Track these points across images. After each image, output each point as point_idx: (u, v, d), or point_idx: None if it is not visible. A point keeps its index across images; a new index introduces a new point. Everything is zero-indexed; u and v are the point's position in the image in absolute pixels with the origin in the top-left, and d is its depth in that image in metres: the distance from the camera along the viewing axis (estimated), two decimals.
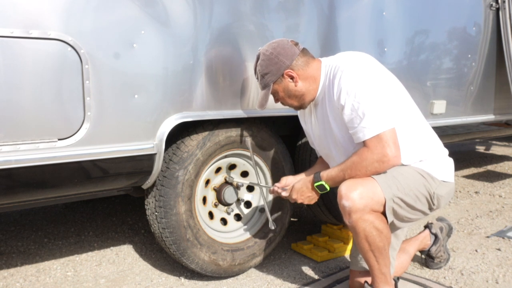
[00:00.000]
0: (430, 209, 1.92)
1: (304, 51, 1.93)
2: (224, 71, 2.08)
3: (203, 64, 2.01)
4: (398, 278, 2.01)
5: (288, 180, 2.09)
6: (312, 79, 1.92)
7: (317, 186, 1.90)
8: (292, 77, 1.90)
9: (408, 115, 1.91)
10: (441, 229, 2.45)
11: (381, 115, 1.75)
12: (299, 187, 1.97)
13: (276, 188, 2.08)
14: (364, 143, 1.77)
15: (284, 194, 2.03)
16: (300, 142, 2.60)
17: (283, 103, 2.02)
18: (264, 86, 1.93)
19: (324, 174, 1.89)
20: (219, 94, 2.08)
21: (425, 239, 2.40)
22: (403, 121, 1.86)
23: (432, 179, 1.88)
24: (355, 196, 1.73)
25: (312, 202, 1.99)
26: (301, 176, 2.08)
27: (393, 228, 1.91)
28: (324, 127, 1.98)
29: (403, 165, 1.88)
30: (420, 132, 1.94)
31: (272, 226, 2.21)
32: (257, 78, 1.96)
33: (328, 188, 1.89)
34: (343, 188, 1.77)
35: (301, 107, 2.01)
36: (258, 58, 1.93)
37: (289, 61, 1.88)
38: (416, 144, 1.90)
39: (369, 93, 1.75)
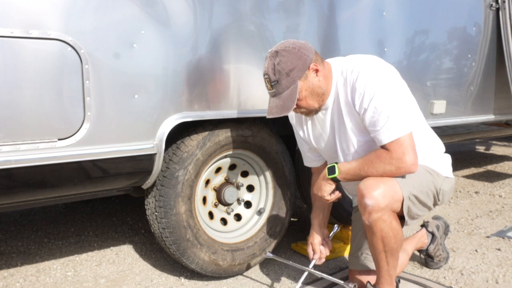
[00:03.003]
0: (435, 204, 1.94)
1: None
2: (224, 71, 2.08)
3: (203, 64, 2.01)
4: (399, 280, 2.01)
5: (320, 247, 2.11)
6: (328, 78, 1.85)
7: (328, 167, 1.86)
8: (317, 71, 1.80)
9: (414, 115, 1.92)
10: (437, 227, 2.45)
11: (403, 119, 1.73)
12: (317, 183, 1.94)
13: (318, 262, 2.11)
14: (384, 146, 1.75)
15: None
16: None
17: (299, 106, 1.83)
18: (289, 85, 1.76)
19: (340, 163, 1.85)
20: (219, 94, 2.08)
21: (423, 238, 2.40)
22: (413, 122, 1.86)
23: (438, 175, 1.91)
24: (378, 195, 1.72)
25: (328, 192, 1.90)
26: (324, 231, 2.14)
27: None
28: (333, 132, 1.93)
29: None
30: (422, 130, 1.95)
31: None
32: (275, 81, 1.76)
33: (337, 172, 1.82)
34: (364, 187, 1.75)
35: (318, 110, 1.88)
36: (273, 58, 1.76)
37: (312, 55, 1.78)
38: (419, 142, 1.90)
39: (392, 96, 1.74)
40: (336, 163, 1.86)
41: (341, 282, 2.01)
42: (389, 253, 1.80)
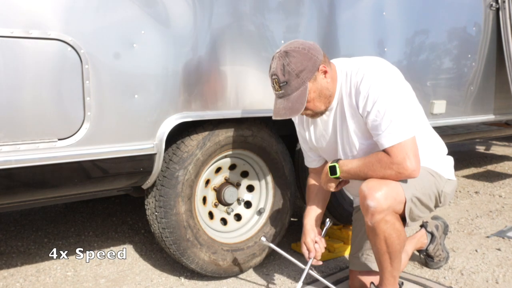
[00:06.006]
0: (436, 206, 1.94)
1: None
2: (224, 71, 2.08)
3: (203, 64, 2.01)
4: (402, 282, 2.00)
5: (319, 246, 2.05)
6: (334, 79, 1.84)
7: (330, 166, 1.85)
8: (325, 72, 1.78)
9: (417, 117, 1.91)
10: (436, 227, 2.45)
11: (405, 123, 1.72)
12: (323, 180, 1.94)
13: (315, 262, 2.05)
14: (386, 150, 1.73)
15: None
16: None
17: (306, 108, 1.80)
18: (299, 86, 1.73)
19: (341, 161, 1.84)
20: (219, 94, 2.08)
21: (422, 238, 2.40)
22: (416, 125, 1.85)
23: (440, 178, 1.90)
24: (380, 197, 1.71)
25: (334, 186, 1.92)
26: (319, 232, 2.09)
27: None
28: (336, 134, 1.92)
29: None
30: (425, 132, 1.94)
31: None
32: (284, 82, 1.73)
33: (338, 173, 1.82)
34: (366, 188, 1.73)
35: (324, 112, 1.87)
36: (282, 58, 1.72)
37: (320, 56, 1.77)
38: (422, 145, 1.89)
39: (395, 100, 1.72)
40: (337, 161, 1.85)
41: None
42: (392, 254, 1.79)
